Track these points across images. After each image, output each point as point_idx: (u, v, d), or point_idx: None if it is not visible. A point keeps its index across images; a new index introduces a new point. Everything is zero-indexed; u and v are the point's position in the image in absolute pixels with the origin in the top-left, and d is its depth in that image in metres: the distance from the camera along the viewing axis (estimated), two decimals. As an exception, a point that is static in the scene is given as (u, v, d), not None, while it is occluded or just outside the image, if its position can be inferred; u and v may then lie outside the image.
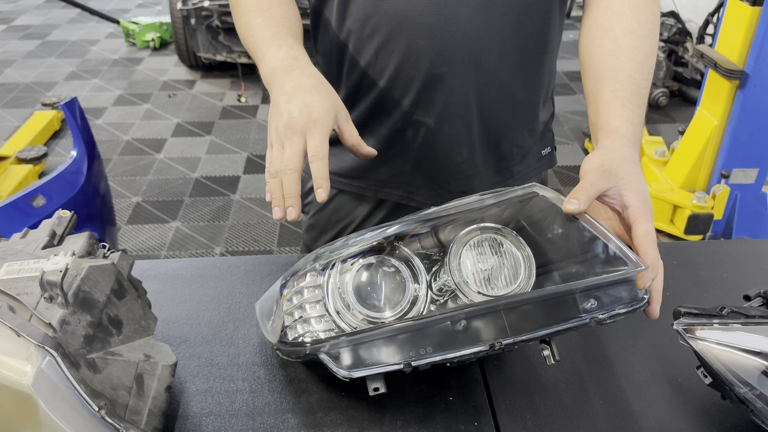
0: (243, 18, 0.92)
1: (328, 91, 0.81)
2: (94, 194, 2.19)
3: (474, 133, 1.03)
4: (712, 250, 1.14)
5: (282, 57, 0.84)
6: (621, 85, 0.86)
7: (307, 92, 0.79)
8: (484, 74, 0.97)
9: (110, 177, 3.35)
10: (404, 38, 0.94)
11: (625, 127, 0.82)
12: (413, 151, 1.04)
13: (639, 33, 0.89)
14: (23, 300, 0.68)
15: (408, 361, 0.68)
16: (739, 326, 0.73)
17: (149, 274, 1.02)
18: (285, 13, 0.92)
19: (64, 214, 0.86)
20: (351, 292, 0.75)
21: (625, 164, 0.77)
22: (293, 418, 0.79)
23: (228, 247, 2.88)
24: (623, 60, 0.87)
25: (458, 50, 0.94)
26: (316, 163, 0.75)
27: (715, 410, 0.80)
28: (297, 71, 0.82)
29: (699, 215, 2.72)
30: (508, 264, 0.74)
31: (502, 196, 0.77)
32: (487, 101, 1.00)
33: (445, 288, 0.75)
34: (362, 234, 0.78)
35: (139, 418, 0.69)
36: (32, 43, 5.46)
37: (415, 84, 0.97)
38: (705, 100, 2.78)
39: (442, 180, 1.07)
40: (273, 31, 0.88)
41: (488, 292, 0.73)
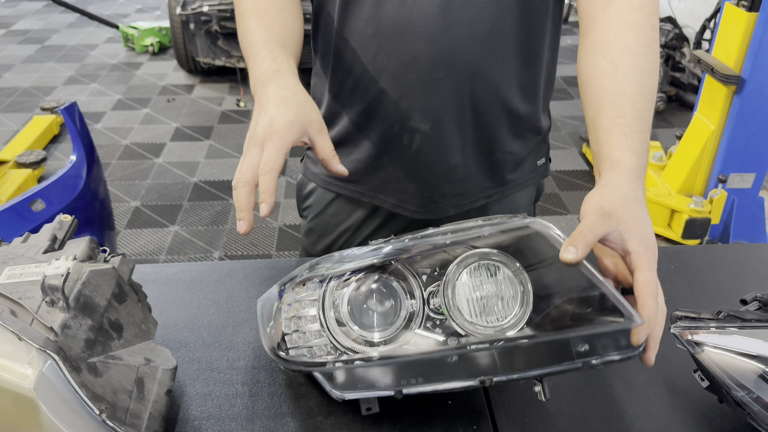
0: (241, 21, 0.93)
1: (302, 102, 0.81)
2: (93, 198, 2.20)
3: (468, 137, 1.03)
4: (709, 254, 1.14)
5: (265, 69, 0.85)
6: (621, 111, 0.80)
7: (276, 105, 0.80)
8: (481, 81, 0.97)
9: (109, 181, 3.35)
10: (404, 41, 0.94)
11: (627, 158, 0.77)
12: (408, 156, 1.05)
13: (637, 51, 0.84)
14: (25, 304, 0.68)
15: (399, 389, 0.70)
16: (735, 330, 0.74)
17: (149, 278, 1.03)
18: (281, 20, 0.92)
19: (65, 219, 0.86)
20: (346, 309, 0.74)
21: (626, 205, 0.72)
22: (293, 421, 0.79)
23: (227, 251, 2.88)
24: (622, 82, 0.82)
25: (457, 56, 0.94)
26: (263, 176, 0.74)
27: (712, 414, 0.80)
28: (273, 83, 0.83)
29: (696, 220, 2.73)
30: (504, 294, 0.72)
31: (498, 226, 0.75)
32: (482, 107, 1.01)
33: (440, 310, 0.74)
34: (359, 250, 0.78)
35: (139, 422, 0.70)
36: (31, 48, 5.47)
37: (413, 87, 0.98)
38: (702, 105, 2.79)
39: (435, 183, 1.08)
40: (264, 40, 0.88)
41: (481, 322, 0.72)
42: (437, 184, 1.08)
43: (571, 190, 3.36)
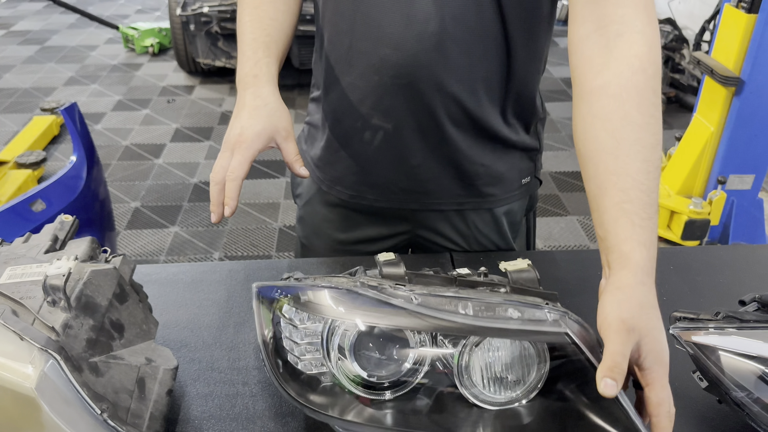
0: (239, 9, 1.00)
1: (272, 112, 0.90)
2: (94, 199, 2.20)
3: (430, 143, 1.03)
4: (708, 255, 1.15)
5: (246, 72, 0.93)
6: (626, 195, 0.74)
7: (249, 113, 0.89)
8: (447, 95, 0.97)
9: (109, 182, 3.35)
10: (372, 43, 0.95)
11: (637, 252, 0.71)
12: (369, 152, 1.06)
13: (639, 122, 0.77)
14: (26, 304, 0.69)
15: None
16: (734, 331, 0.74)
17: (150, 278, 1.03)
18: (273, 13, 0.98)
19: (66, 219, 0.87)
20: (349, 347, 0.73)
21: (645, 316, 0.69)
22: (293, 421, 0.79)
23: (227, 252, 2.88)
24: (625, 160, 0.75)
25: (422, 67, 0.94)
26: (229, 183, 0.85)
27: (711, 414, 0.81)
28: (250, 90, 0.91)
29: (696, 221, 2.73)
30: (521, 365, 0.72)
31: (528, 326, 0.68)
32: (446, 120, 1.00)
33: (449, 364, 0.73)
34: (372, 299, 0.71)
35: (140, 422, 0.70)
36: (31, 49, 5.47)
37: (378, 89, 0.98)
38: (701, 106, 2.79)
39: (395, 179, 1.08)
40: (251, 38, 0.96)
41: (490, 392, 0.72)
42: (397, 178, 1.08)
43: (570, 191, 3.36)
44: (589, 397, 0.69)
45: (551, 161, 3.62)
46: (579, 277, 1.06)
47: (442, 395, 0.74)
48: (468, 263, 1.11)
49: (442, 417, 0.72)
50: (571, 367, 0.70)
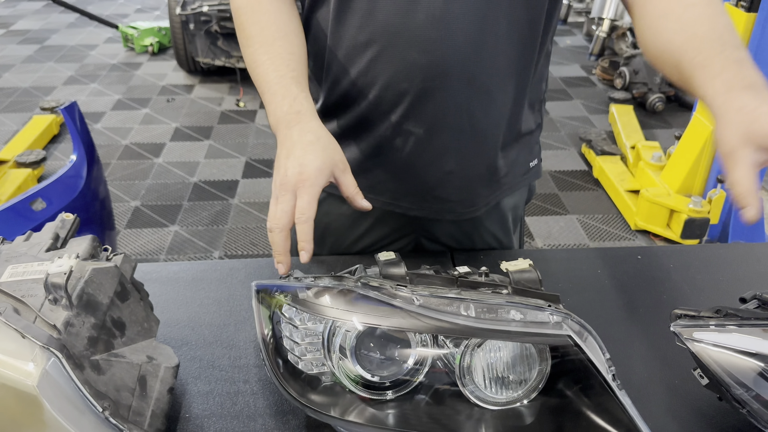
0: (248, 49, 0.94)
1: (326, 145, 0.84)
2: (94, 198, 2.20)
3: (464, 144, 1.02)
4: (708, 254, 1.15)
5: (286, 110, 0.87)
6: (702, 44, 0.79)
7: (303, 149, 0.83)
8: (476, 88, 0.97)
9: (109, 181, 3.35)
10: (399, 50, 0.93)
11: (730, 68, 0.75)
12: (400, 161, 1.04)
13: (699, 3, 0.84)
14: (28, 302, 0.69)
15: None
16: (735, 328, 0.74)
17: (151, 277, 1.03)
18: (290, 47, 0.93)
19: (68, 217, 0.87)
20: (350, 347, 0.72)
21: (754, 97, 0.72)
22: (294, 419, 0.79)
23: (227, 251, 2.88)
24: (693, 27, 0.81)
25: (452, 65, 0.94)
26: (301, 225, 0.78)
27: (711, 411, 0.81)
28: (297, 127, 0.85)
29: (695, 220, 2.74)
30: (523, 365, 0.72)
31: (531, 328, 0.68)
32: (478, 114, 1.00)
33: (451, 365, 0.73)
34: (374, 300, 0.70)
35: (142, 420, 0.70)
36: (31, 48, 5.47)
37: (408, 96, 0.97)
38: (701, 105, 2.79)
39: (428, 187, 1.07)
40: (278, 75, 0.90)
41: (491, 392, 0.72)
42: (431, 187, 1.07)
43: (570, 190, 3.36)
44: (590, 397, 0.70)
45: (551, 160, 3.62)
46: (579, 276, 1.06)
47: (443, 395, 0.74)
48: (468, 261, 1.11)
49: (443, 417, 0.72)
50: (572, 366, 0.70)
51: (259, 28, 0.94)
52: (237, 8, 0.97)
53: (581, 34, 5.55)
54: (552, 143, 3.82)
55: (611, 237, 2.99)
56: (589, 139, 3.60)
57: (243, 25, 0.96)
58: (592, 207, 3.22)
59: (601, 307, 0.98)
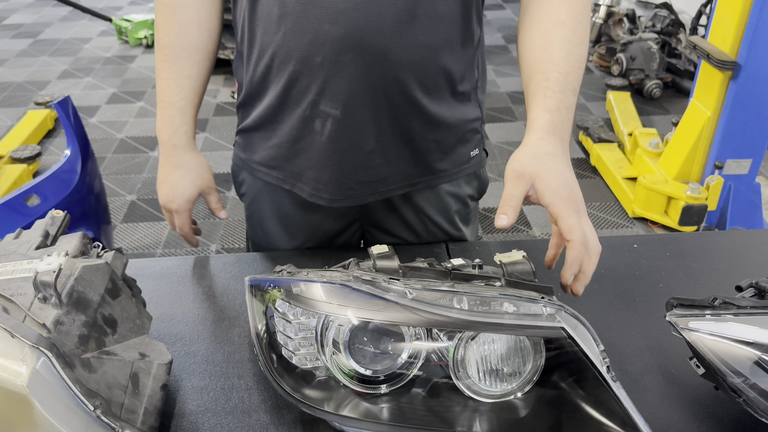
0: (158, 54, 1.06)
1: (194, 178, 1.10)
2: (89, 193, 2.18)
3: (383, 123, 1.00)
4: (704, 241, 1.14)
5: (166, 139, 1.08)
6: (546, 76, 0.89)
7: (174, 181, 1.09)
8: (391, 67, 0.94)
9: (104, 175, 3.34)
10: (310, 21, 0.91)
11: (541, 117, 0.86)
12: (322, 142, 1.02)
13: (568, 24, 0.92)
14: (17, 301, 0.68)
15: None
16: (731, 317, 0.73)
17: (144, 272, 1.02)
18: (189, 70, 1.06)
19: (57, 214, 0.86)
20: (344, 341, 0.72)
21: (536, 162, 0.82)
22: (289, 414, 0.79)
23: (224, 244, 2.87)
24: (550, 51, 0.91)
25: (365, 38, 0.91)
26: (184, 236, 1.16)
27: (708, 401, 0.81)
28: (172, 160, 1.09)
29: (693, 206, 2.73)
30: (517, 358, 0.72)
31: (524, 321, 0.68)
32: (395, 94, 0.97)
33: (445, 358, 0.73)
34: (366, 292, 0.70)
35: (135, 417, 0.70)
36: (24, 42, 5.43)
37: (322, 70, 0.94)
38: (698, 91, 2.78)
39: (350, 170, 1.04)
40: (168, 101, 1.07)
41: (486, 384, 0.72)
42: (353, 170, 1.04)
43: (567, 178, 3.35)
44: (585, 389, 0.69)
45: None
46: (575, 264, 1.05)
47: (437, 388, 0.74)
48: (463, 253, 1.10)
49: (438, 410, 0.72)
50: (567, 358, 0.70)
51: (168, 40, 1.05)
52: (158, 5, 1.04)
53: (578, 21, 5.53)
54: (549, 131, 3.81)
55: (609, 225, 2.99)
56: (587, 126, 3.59)
57: (158, 28, 1.06)
58: (589, 195, 3.22)
59: (597, 297, 0.98)
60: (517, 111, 3.98)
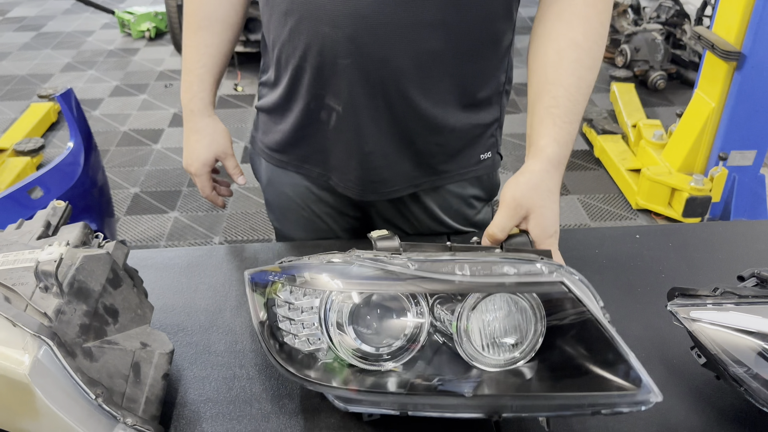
0: (183, 23, 1.11)
1: (210, 142, 1.13)
2: (92, 185, 2.19)
3: (382, 125, 0.99)
4: (707, 232, 1.14)
5: (185, 104, 1.12)
6: (556, 101, 0.88)
7: (191, 145, 1.13)
8: (393, 72, 0.93)
9: (108, 168, 3.35)
10: (311, 23, 0.92)
11: (550, 147, 0.87)
12: (326, 135, 1.03)
13: (584, 46, 0.90)
14: (18, 290, 0.68)
15: (405, 411, 0.69)
16: (732, 306, 0.73)
17: (146, 263, 1.02)
18: (209, 39, 1.09)
19: (59, 205, 0.86)
20: (349, 324, 0.72)
21: (536, 196, 0.83)
22: (290, 403, 0.79)
23: (227, 236, 2.88)
24: (562, 73, 0.89)
25: (363, 44, 0.90)
26: (207, 197, 1.20)
27: (709, 390, 0.80)
28: (189, 124, 1.13)
29: (697, 198, 2.72)
30: (517, 328, 0.72)
31: (525, 278, 0.69)
32: (396, 98, 0.96)
33: (447, 332, 0.73)
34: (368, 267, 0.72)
35: (136, 406, 0.70)
36: (27, 35, 5.43)
37: (323, 70, 0.95)
38: (703, 82, 2.77)
39: (351, 167, 1.04)
40: (188, 68, 1.11)
41: (489, 353, 0.72)
42: (354, 167, 1.04)
43: (570, 170, 3.35)
44: (588, 348, 0.70)
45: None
46: (577, 256, 1.05)
47: (442, 361, 0.74)
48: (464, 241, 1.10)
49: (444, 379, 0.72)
50: (569, 321, 0.71)
51: (191, 9, 1.08)
52: None
53: (582, 12, 5.50)
54: (552, 123, 3.79)
55: (612, 216, 2.98)
56: (590, 118, 3.57)
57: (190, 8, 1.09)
58: (593, 187, 3.21)
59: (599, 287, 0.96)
60: (521, 103, 3.97)
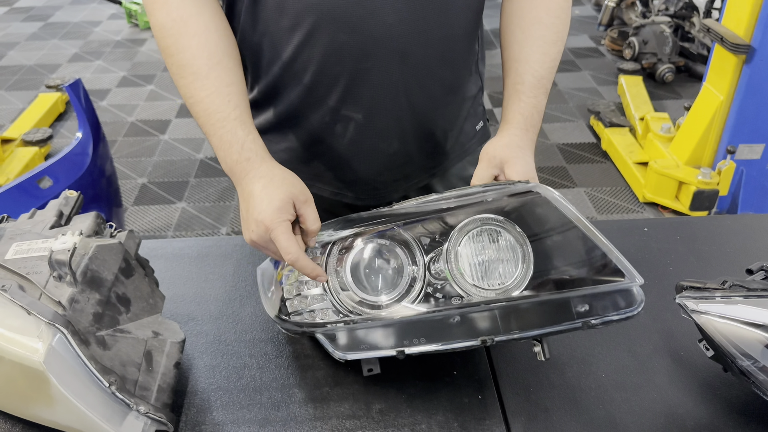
0: (182, 80, 0.86)
1: (280, 184, 0.81)
2: (100, 175, 2.20)
3: (405, 124, 1.00)
4: (715, 225, 1.14)
5: (235, 159, 0.84)
6: (521, 78, 0.95)
7: (258, 199, 0.80)
8: (410, 66, 0.93)
9: (115, 158, 3.35)
10: (326, 33, 0.88)
11: (515, 119, 0.94)
12: (343, 147, 1.01)
13: (546, 22, 0.95)
14: (32, 279, 0.69)
15: (401, 349, 0.71)
16: (741, 299, 0.73)
17: (156, 253, 1.03)
18: (228, 78, 0.86)
19: (71, 195, 0.87)
20: (348, 273, 0.76)
21: (507, 149, 0.89)
22: (300, 392, 0.80)
23: (234, 227, 2.89)
24: (528, 51, 0.95)
25: (383, 43, 0.89)
26: (296, 264, 0.76)
27: (716, 383, 0.81)
28: (248, 177, 0.83)
29: (704, 191, 2.71)
30: (506, 258, 0.74)
31: (503, 192, 0.77)
32: (415, 92, 0.96)
33: (443, 274, 0.76)
34: (360, 215, 0.80)
35: (148, 394, 0.71)
36: (35, 25, 5.44)
37: (341, 80, 0.93)
38: (711, 75, 2.75)
39: (374, 172, 1.04)
40: (221, 117, 0.84)
41: (483, 285, 0.74)
42: (377, 172, 1.04)
43: (578, 162, 3.34)
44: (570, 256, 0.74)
45: (559, 132, 3.59)
46: (585, 247, 1.05)
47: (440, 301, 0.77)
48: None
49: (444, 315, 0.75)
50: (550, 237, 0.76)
51: (189, 55, 0.85)
52: (160, 28, 0.85)
53: (590, 4, 5.46)
54: (560, 115, 3.78)
55: (619, 210, 2.98)
56: (598, 110, 3.56)
57: (169, 50, 0.86)
58: (600, 180, 3.20)
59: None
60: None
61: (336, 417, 0.77)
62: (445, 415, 0.77)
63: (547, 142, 3.51)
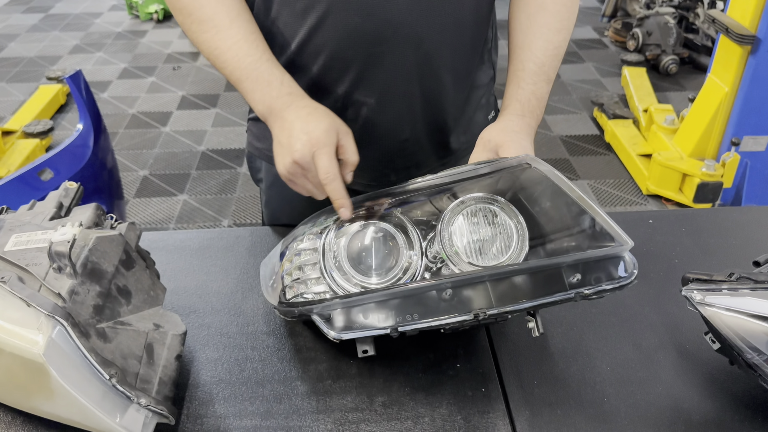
0: (204, 35, 0.88)
1: (325, 113, 0.84)
2: (101, 167, 2.19)
3: (417, 111, 1.00)
4: (721, 217, 1.13)
5: (276, 95, 0.85)
6: (522, 65, 0.94)
7: (303, 122, 0.82)
8: (424, 52, 0.93)
9: (117, 150, 3.35)
10: (340, 17, 0.88)
11: (512, 105, 0.93)
12: (355, 131, 0.97)
13: (551, 9, 0.95)
14: (32, 271, 0.68)
15: (395, 326, 0.70)
16: (748, 292, 0.73)
17: (158, 245, 1.03)
18: (250, 27, 0.88)
19: (71, 186, 0.86)
20: (345, 256, 0.77)
21: (503, 134, 0.88)
22: (302, 385, 0.80)
23: (235, 219, 2.88)
24: (531, 37, 0.95)
25: (397, 28, 0.90)
26: (330, 185, 0.80)
27: (722, 376, 0.80)
28: (292, 107, 0.85)
29: (708, 183, 2.70)
30: (500, 235, 0.76)
31: (495, 166, 0.78)
32: (428, 78, 0.97)
33: (439, 256, 0.76)
34: (356, 198, 0.81)
35: (149, 387, 0.70)
36: (35, 17, 5.42)
37: (355, 64, 0.93)
38: (716, 66, 2.73)
39: (386, 159, 1.05)
40: (253, 60, 0.86)
41: (479, 262, 0.74)
42: (388, 159, 1.05)
43: (581, 155, 3.33)
44: (562, 224, 0.75)
45: (562, 125, 3.58)
46: (589, 240, 1.04)
47: None
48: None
49: None
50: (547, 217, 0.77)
51: (210, 10, 0.87)
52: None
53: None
54: (563, 107, 3.77)
55: (623, 202, 2.97)
56: (601, 102, 3.54)
57: (188, 9, 0.88)
58: (603, 172, 3.19)
59: (612, 272, 0.97)
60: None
61: (339, 410, 0.76)
62: (449, 408, 0.77)
63: (550, 134, 3.49)
